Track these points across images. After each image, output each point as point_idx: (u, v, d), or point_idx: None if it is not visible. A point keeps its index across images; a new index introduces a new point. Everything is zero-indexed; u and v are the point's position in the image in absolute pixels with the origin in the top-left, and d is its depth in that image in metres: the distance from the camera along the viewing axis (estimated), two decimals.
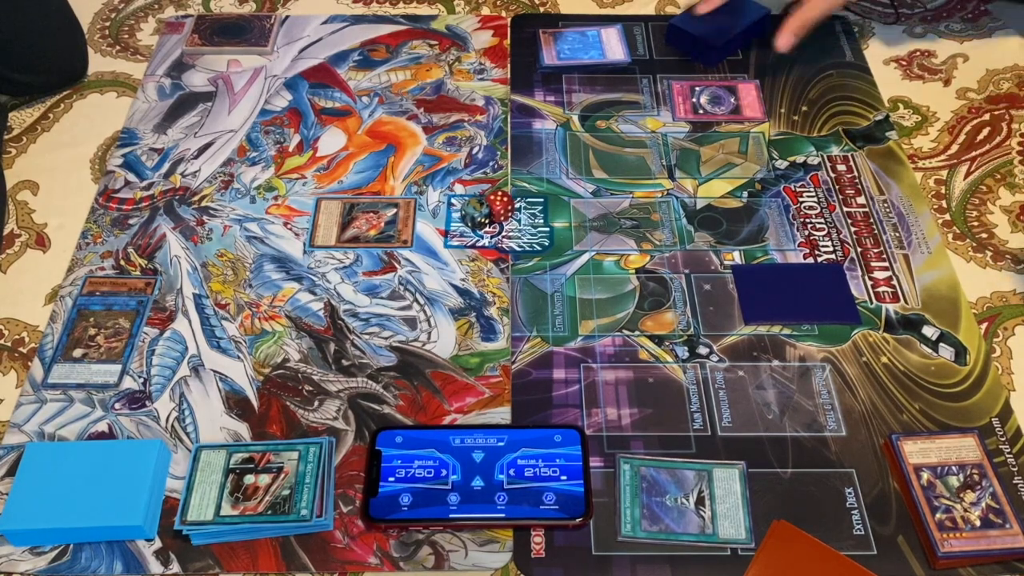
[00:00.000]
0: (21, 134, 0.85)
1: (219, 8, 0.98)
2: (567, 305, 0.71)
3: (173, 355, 0.68)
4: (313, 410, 0.65)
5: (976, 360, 0.67)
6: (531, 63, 0.91)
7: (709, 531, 0.58)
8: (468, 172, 0.81)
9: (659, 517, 0.58)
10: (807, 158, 0.82)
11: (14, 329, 0.70)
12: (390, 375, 0.67)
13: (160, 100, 0.87)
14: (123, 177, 0.80)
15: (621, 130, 0.84)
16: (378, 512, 0.58)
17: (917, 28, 0.95)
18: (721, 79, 0.89)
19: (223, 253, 0.74)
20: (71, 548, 0.58)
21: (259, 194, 0.79)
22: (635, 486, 0.60)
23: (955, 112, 0.86)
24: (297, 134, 0.84)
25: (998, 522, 0.57)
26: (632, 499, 0.59)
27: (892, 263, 0.73)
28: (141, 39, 0.95)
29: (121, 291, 0.72)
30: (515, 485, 0.59)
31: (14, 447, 0.62)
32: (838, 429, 0.63)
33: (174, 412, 0.64)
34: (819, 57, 0.91)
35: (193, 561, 0.57)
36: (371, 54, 0.92)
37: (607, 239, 0.75)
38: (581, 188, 0.79)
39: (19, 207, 0.79)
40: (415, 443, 0.61)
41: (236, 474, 0.59)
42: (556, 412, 0.64)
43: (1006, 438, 0.62)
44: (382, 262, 0.74)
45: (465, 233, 0.76)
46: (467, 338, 0.69)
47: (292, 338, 0.69)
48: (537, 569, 0.57)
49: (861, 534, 0.58)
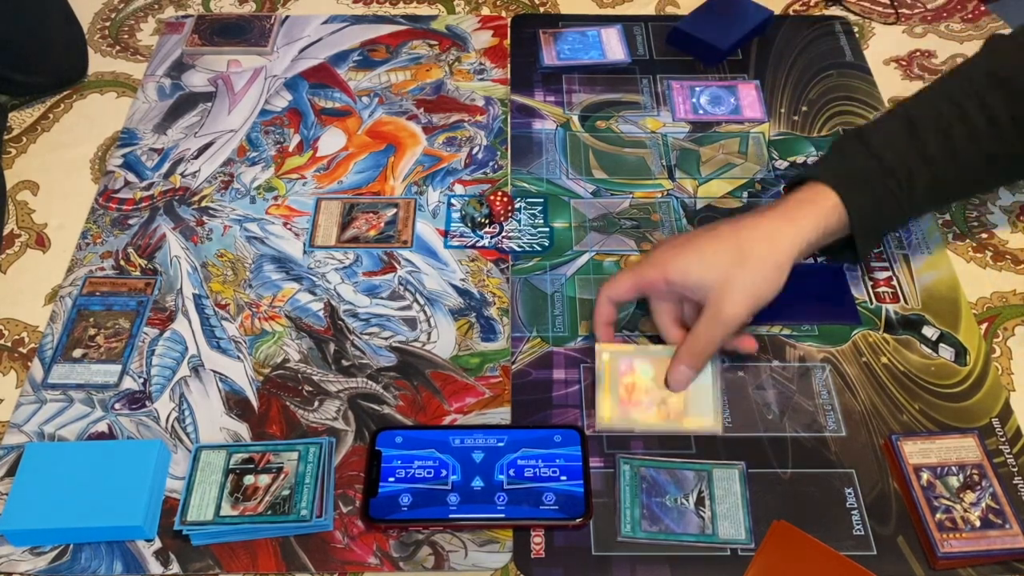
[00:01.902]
0: (21, 134, 0.85)
1: (219, 8, 0.98)
2: (567, 305, 0.71)
3: (173, 355, 0.68)
4: (313, 410, 0.65)
5: (976, 360, 0.67)
6: (531, 63, 0.91)
7: (709, 531, 0.58)
8: (468, 172, 0.81)
9: (659, 517, 0.58)
10: (807, 158, 0.82)
11: (14, 329, 0.70)
12: (390, 375, 0.67)
13: (160, 100, 0.87)
14: (123, 177, 0.80)
15: (621, 130, 0.84)
16: (378, 512, 0.58)
17: (917, 28, 0.95)
18: (721, 79, 0.89)
19: (223, 253, 0.74)
20: (71, 548, 0.58)
21: (259, 194, 0.79)
22: (635, 486, 0.60)
23: None
24: (297, 134, 0.84)
25: (998, 522, 0.57)
26: (632, 499, 0.59)
27: (892, 263, 0.73)
28: (141, 39, 0.95)
29: (121, 291, 0.72)
30: (515, 485, 0.59)
31: (14, 447, 0.62)
32: (838, 429, 0.63)
33: (174, 412, 0.64)
34: (819, 57, 0.91)
35: (193, 561, 0.57)
36: (371, 54, 0.92)
37: (607, 239, 0.75)
38: (581, 188, 0.79)
39: (19, 207, 0.79)
40: (415, 443, 0.61)
41: (236, 474, 0.59)
42: (556, 412, 0.64)
43: (1006, 438, 0.62)
44: (382, 262, 0.74)
45: (465, 233, 0.76)
46: (467, 338, 0.69)
47: (292, 338, 0.69)
48: (537, 569, 0.57)
49: (861, 534, 0.58)
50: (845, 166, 0.66)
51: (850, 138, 0.68)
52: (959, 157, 0.65)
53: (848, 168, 0.66)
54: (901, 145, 0.65)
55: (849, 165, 0.66)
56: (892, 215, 0.67)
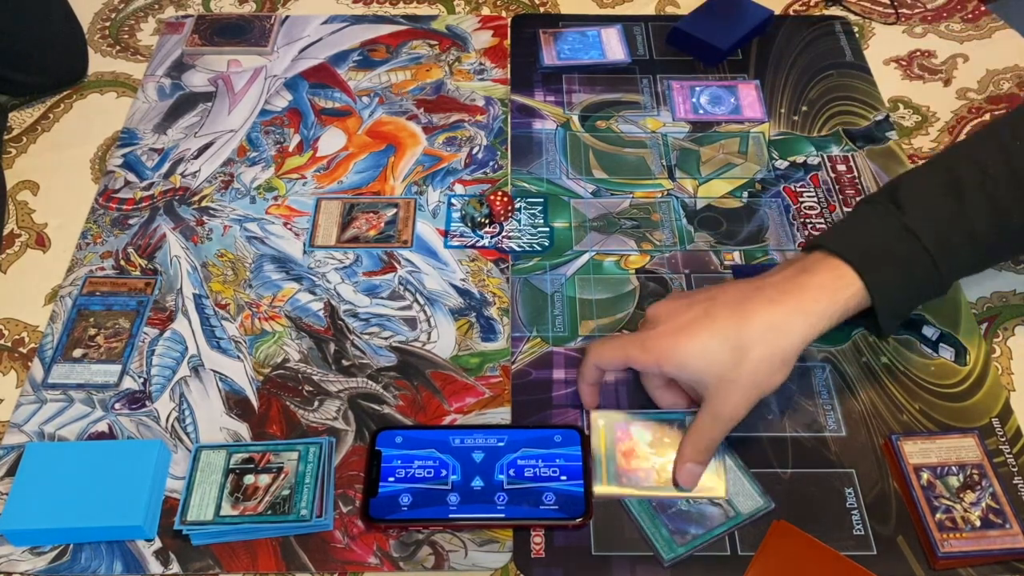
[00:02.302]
0: (21, 134, 0.85)
1: (219, 8, 0.98)
2: (567, 305, 0.71)
3: (173, 355, 0.68)
4: (313, 410, 0.65)
5: (976, 360, 0.67)
6: (531, 63, 0.91)
7: (732, 514, 0.58)
8: (468, 172, 0.81)
9: (684, 528, 0.58)
10: (807, 158, 0.82)
11: (14, 329, 0.70)
12: (390, 375, 0.67)
13: (160, 100, 0.87)
14: (123, 177, 0.80)
15: (621, 130, 0.84)
16: (378, 512, 0.58)
17: (917, 28, 0.95)
18: (721, 79, 0.89)
19: (223, 253, 0.74)
20: (71, 548, 0.58)
21: (259, 194, 0.79)
22: (646, 508, 0.59)
23: (955, 112, 0.86)
24: (297, 134, 0.84)
25: (998, 522, 0.57)
26: (653, 521, 0.59)
27: None
28: (141, 39, 0.95)
29: (121, 291, 0.72)
30: (515, 485, 0.59)
31: (14, 447, 0.62)
32: (838, 429, 0.63)
33: (174, 412, 0.64)
34: (819, 57, 0.91)
35: (193, 561, 0.57)
36: (371, 54, 0.92)
37: (607, 239, 0.75)
38: (581, 188, 0.79)
39: (19, 207, 0.79)
40: (415, 443, 0.61)
41: (236, 474, 0.59)
42: (556, 412, 0.64)
43: (1006, 438, 0.62)
44: (382, 262, 0.74)
45: (465, 233, 0.76)
46: (467, 338, 0.69)
47: (292, 338, 0.69)
48: (537, 569, 0.57)
49: (861, 534, 0.58)
50: (870, 239, 0.58)
51: (881, 199, 0.60)
52: (1011, 227, 0.58)
53: (872, 242, 0.58)
54: (942, 214, 0.58)
55: (874, 238, 0.58)
56: (924, 295, 0.61)
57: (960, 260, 0.59)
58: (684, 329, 0.57)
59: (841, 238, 0.60)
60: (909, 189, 0.60)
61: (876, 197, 0.62)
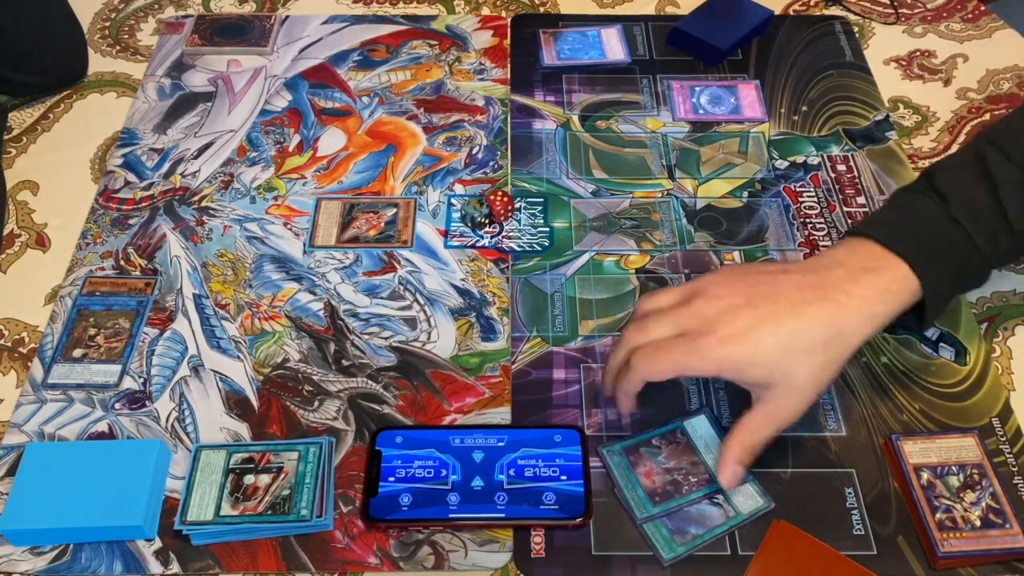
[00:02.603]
0: (21, 134, 0.85)
1: (219, 8, 0.98)
2: (567, 305, 0.71)
3: (173, 355, 0.68)
4: (313, 410, 0.65)
5: (976, 360, 0.67)
6: (531, 63, 0.91)
7: (732, 514, 0.58)
8: (468, 172, 0.81)
9: (684, 528, 0.58)
10: (807, 158, 0.82)
11: (14, 329, 0.70)
12: (390, 375, 0.67)
13: (160, 100, 0.87)
14: (123, 177, 0.80)
15: (621, 130, 0.84)
16: (378, 512, 0.58)
17: (917, 28, 0.96)
18: (721, 79, 0.89)
19: (223, 253, 0.74)
20: (71, 548, 0.58)
21: (259, 194, 0.79)
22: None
23: (955, 112, 0.86)
24: (297, 134, 0.84)
25: (998, 522, 0.57)
26: (654, 523, 0.59)
27: None
28: (141, 39, 0.95)
29: (121, 291, 0.72)
30: (515, 485, 0.59)
31: (14, 447, 0.62)
32: (838, 429, 0.63)
33: (174, 412, 0.64)
34: (819, 57, 0.91)
35: (193, 561, 0.57)
36: (371, 54, 0.92)
37: (607, 239, 0.75)
38: (581, 188, 0.79)
39: (19, 207, 0.79)
40: (415, 443, 0.61)
41: (236, 474, 0.59)
42: (556, 412, 0.64)
43: (1006, 438, 0.62)
44: (382, 262, 0.74)
45: (465, 233, 0.76)
46: (467, 338, 0.69)
47: (292, 338, 0.69)
48: (537, 569, 0.57)
49: (861, 534, 0.58)
50: (923, 233, 0.58)
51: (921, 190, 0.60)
52: None
53: (926, 238, 0.58)
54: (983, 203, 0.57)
55: (927, 232, 0.58)
56: (966, 289, 0.62)
57: (1000, 254, 0.59)
58: (746, 335, 0.55)
59: (896, 233, 0.59)
60: (946, 178, 0.60)
61: (916, 186, 0.62)
